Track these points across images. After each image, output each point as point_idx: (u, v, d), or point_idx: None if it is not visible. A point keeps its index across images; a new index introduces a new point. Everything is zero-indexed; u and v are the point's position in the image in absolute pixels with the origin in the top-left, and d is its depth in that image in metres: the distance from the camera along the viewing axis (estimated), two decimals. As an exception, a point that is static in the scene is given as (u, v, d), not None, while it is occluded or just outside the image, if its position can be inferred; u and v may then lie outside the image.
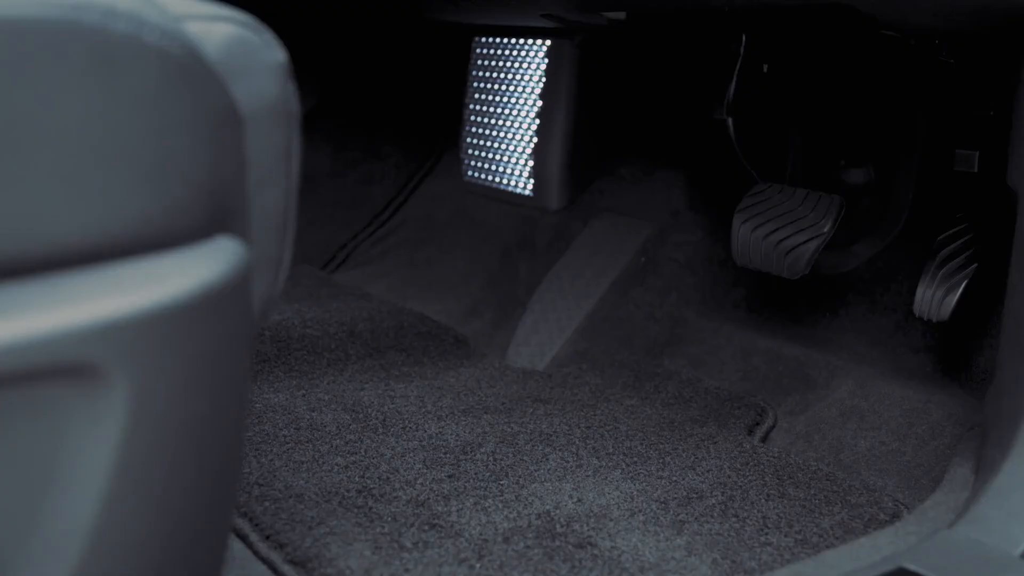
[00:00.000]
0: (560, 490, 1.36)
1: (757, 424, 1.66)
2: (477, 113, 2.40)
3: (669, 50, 2.20)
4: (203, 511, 0.72)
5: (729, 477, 1.43)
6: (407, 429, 1.55)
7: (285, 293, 2.17)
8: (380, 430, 1.54)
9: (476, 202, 2.45)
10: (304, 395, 1.68)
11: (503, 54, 2.33)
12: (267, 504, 1.25)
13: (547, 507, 1.30)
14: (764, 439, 1.62)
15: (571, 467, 1.44)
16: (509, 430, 1.57)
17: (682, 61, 2.17)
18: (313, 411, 1.61)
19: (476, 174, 2.42)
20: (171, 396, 0.66)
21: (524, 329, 2.03)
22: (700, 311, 1.97)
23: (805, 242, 1.69)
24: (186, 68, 0.67)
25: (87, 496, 0.63)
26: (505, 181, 2.34)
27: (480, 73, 2.39)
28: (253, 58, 0.78)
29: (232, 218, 0.75)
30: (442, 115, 2.72)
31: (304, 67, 3.11)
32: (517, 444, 1.52)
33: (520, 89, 2.28)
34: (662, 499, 1.35)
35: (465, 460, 1.44)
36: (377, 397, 1.69)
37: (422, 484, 1.35)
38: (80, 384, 0.62)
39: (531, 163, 2.26)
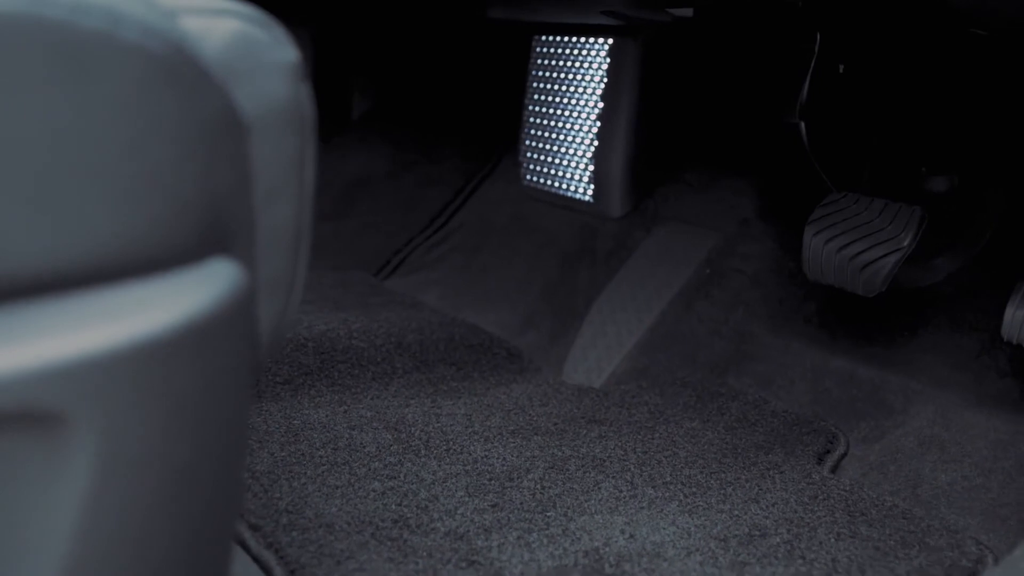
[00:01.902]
0: (611, 524, 1.26)
1: (827, 452, 1.55)
2: (536, 115, 2.31)
3: (738, 49, 2.11)
4: (189, 568, 0.64)
5: (795, 512, 1.32)
6: (451, 451, 1.47)
7: (333, 301, 2.11)
8: (422, 452, 1.46)
9: (534, 208, 2.37)
10: (346, 411, 1.61)
11: (563, 53, 2.24)
12: (295, 534, 1.18)
13: (596, 543, 1.21)
14: (834, 469, 1.51)
15: (624, 497, 1.35)
16: (560, 454, 1.48)
17: (752, 61, 2.07)
18: (353, 429, 1.53)
19: (535, 178, 2.33)
20: (149, 443, 0.58)
21: (581, 343, 1.94)
22: (768, 327, 1.86)
23: (882, 257, 1.57)
24: (172, 69, 0.59)
25: (48, 558, 0.55)
26: (564, 186, 2.25)
27: (539, 73, 2.31)
28: (260, 58, 0.70)
29: (231, 237, 0.67)
30: (502, 116, 2.64)
31: (363, 67, 3.09)
32: (567, 470, 1.43)
33: (581, 90, 2.19)
34: (722, 536, 1.25)
35: (511, 488, 1.35)
36: (422, 415, 1.61)
37: (463, 514, 1.26)
38: (40, 433, 0.54)
39: (591, 168, 2.17)
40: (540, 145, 2.31)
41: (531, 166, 2.34)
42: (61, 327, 0.54)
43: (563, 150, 2.24)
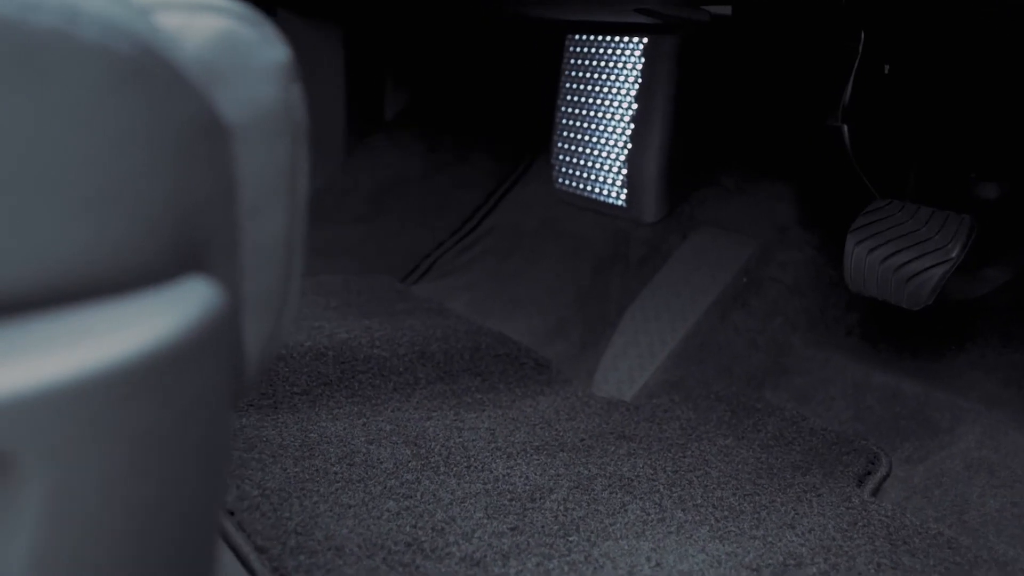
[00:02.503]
0: (637, 550, 1.20)
1: (868, 474, 1.48)
2: (569, 116, 2.25)
3: (778, 48, 2.04)
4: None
5: (833, 539, 1.25)
6: (472, 469, 1.41)
7: (358, 307, 2.06)
8: (442, 469, 1.41)
9: (567, 211, 2.31)
10: (364, 424, 1.56)
11: (597, 53, 2.18)
12: (302, 558, 1.12)
13: (620, 572, 1.15)
14: (876, 492, 1.44)
15: (652, 521, 1.29)
16: (586, 472, 1.42)
17: (793, 61, 2.00)
18: (371, 443, 1.48)
19: (567, 182, 2.28)
20: (110, 484, 0.53)
21: (613, 352, 1.88)
22: (808, 339, 1.79)
23: (929, 268, 1.50)
24: (139, 71, 0.54)
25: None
26: (597, 190, 2.18)
27: (573, 73, 2.25)
28: (246, 57, 0.64)
29: (209, 253, 0.61)
30: (535, 118, 2.59)
31: (396, 66, 3.05)
32: (593, 491, 1.37)
33: (614, 91, 2.13)
34: (754, 565, 1.18)
35: (532, 509, 1.30)
36: (444, 429, 1.56)
37: (480, 538, 1.21)
38: (-18, 473, 0.49)
39: (625, 171, 2.11)
40: (573, 147, 2.25)
41: (563, 169, 2.28)
42: (7, 356, 0.49)
43: (596, 153, 2.18)
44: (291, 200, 0.69)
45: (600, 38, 2.16)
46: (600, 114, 2.17)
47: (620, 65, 2.11)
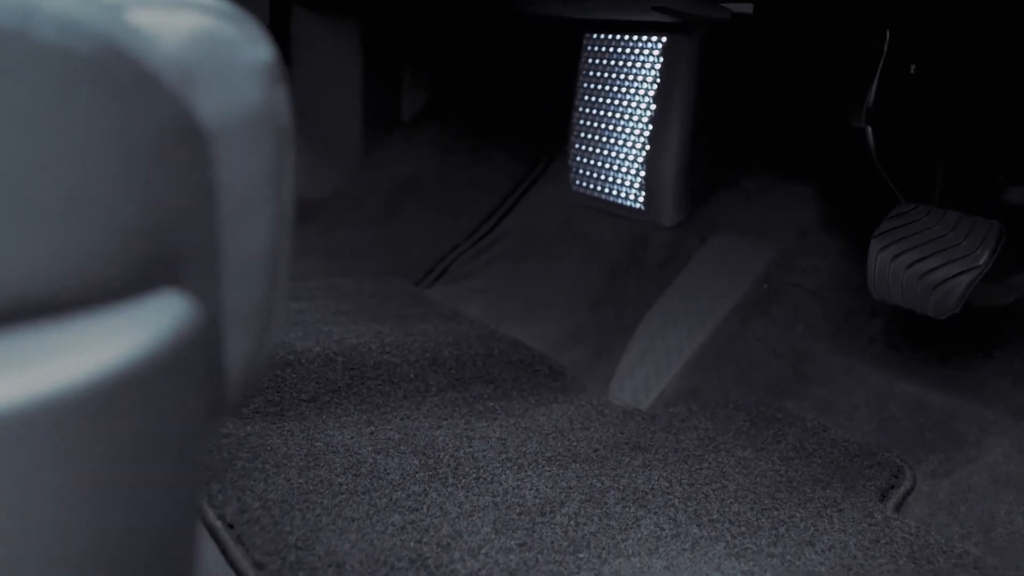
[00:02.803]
0: (649, 568, 1.16)
1: (891, 488, 1.43)
2: (586, 117, 2.22)
3: (801, 47, 2.00)
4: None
5: (854, 558, 1.21)
6: (481, 480, 1.38)
7: (370, 311, 2.03)
8: (450, 480, 1.37)
9: (584, 214, 2.27)
10: (372, 433, 1.52)
11: (615, 52, 2.13)
12: (301, 575, 1.09)
13: (630, 591, 1.11)
14: (899, 507, 1.40)
15: (666, 537, 1.25)
16: (598, 485, 1.38)
17: (816, 60, 1.96)
18: (379, 453, 1.45)
19: (584, 184, 2.24)
20: (68, 515, 0.50)
21: (629, 359, 1.84)
22: (830, 346, 1.74)
23: (956, 276, 1.45)
24: (103, 72, 0.51)
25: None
26: (614, 192, 2.14)
27: (590, 73, 2.21)
28: (227, 57, 0.61)
29: (186, 265, 0.58)
30: (554, 118, 2.55)
31: (414, 64, 3.03)
32: (605, 504, 1.33)
33: (632, 91, 2.09)
34: (771, 585, 1.14)
35: (542, 523, 1.26)
36: (454, 438, 1.52)
37: (486, 554, 1.17)
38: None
39: (643, 173, 2.07)
40: (590, 149, 2.21)
41: (580, 171, 2.24)
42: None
43: (613, 154, 2.14)
44: (276, 208, 0.65)
45: (618, 37, 2.12)
46: (618, 115, 2.13)
47: (638, 65, 2.07)
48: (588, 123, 2.22)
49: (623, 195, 2.13)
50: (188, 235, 0.59)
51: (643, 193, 2.08)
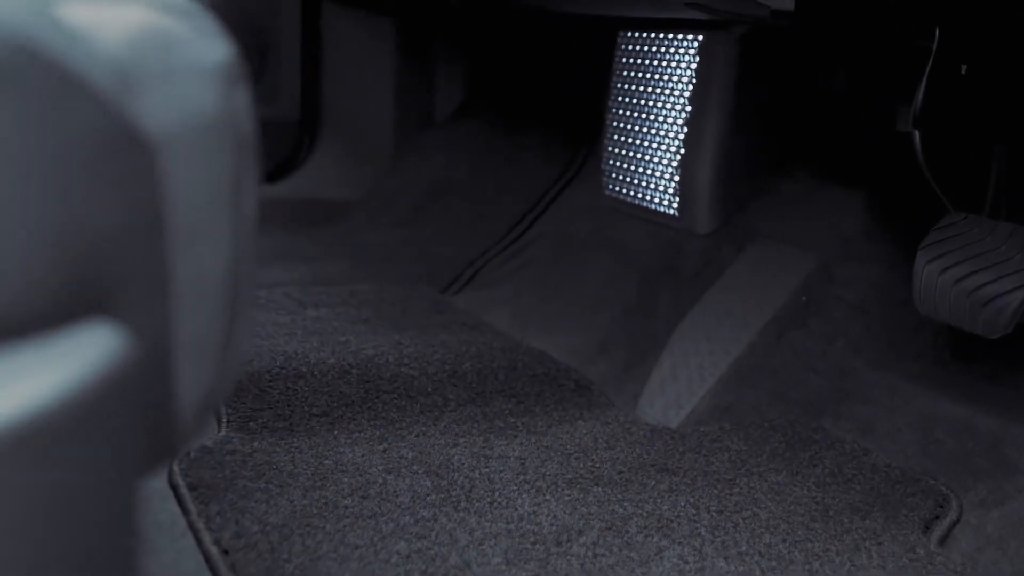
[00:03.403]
0: (670, 606, 1.09)
1: (936, 518, 1.35)
2: (619, 119, 2.15)
3: (844, 46, 1.92)
4: None
5: (894, 598, 1.13)
6: (495, 505, 1.31)
7: (390, 320, 1.98)
8: (462, 504, 1.31)
9: (616, 220, 2.20)
10: (385, 451, 1.46)
11: (649, 51, 2.07)
12: (294, 609, 1.03)
13: (648, 633, 1.04)
14: (943, 540, 1.31)
15: (690, 571, 1.18)
16: (620, 511, 1.31)
17: (860, 60, 1.89)
18: (390, 473, 1.39)
19: (616, 188, 2.17)
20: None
21: (660, 374, 1.77)
22: (872, 363, 1.66)
23: (1009, 292, 1.37)
24: (16, 75, 0.45)
25: None
26: (648, 198, 2.07)
27: (624, 73, 2.14)
28: (175, 57, 0.55)
29: (122, 291, 0.52)
30: (588, 118, 2.49)
31: (449, 63, 2.99)
32: (627, 533, 1.26)
33: (667, 91, 2.02)
34: (801, 628, 1.06)
35: (557, 554, 1.19)
36: (470, 457, 1.46)
37: (495, 588, 1.10)
38: None
39: (677, 178, 1.99)
40: (623, 152, 2.14)
41: (613, 175, 2.18)
42: None
43: (647, 158, 2.07)
44: (235, 224, 0.59)
45: (652, 35, 2.05)
46: (651, 116, 2.06)
47: (673, 64, 2.00)
48: (621, 125, 2.15)
49: (656, 200, 2.05)
50: (128, 257, 0.53)
51: (677, 199, 2.00)
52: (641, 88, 2.09)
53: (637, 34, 2.09)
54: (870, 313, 1.72)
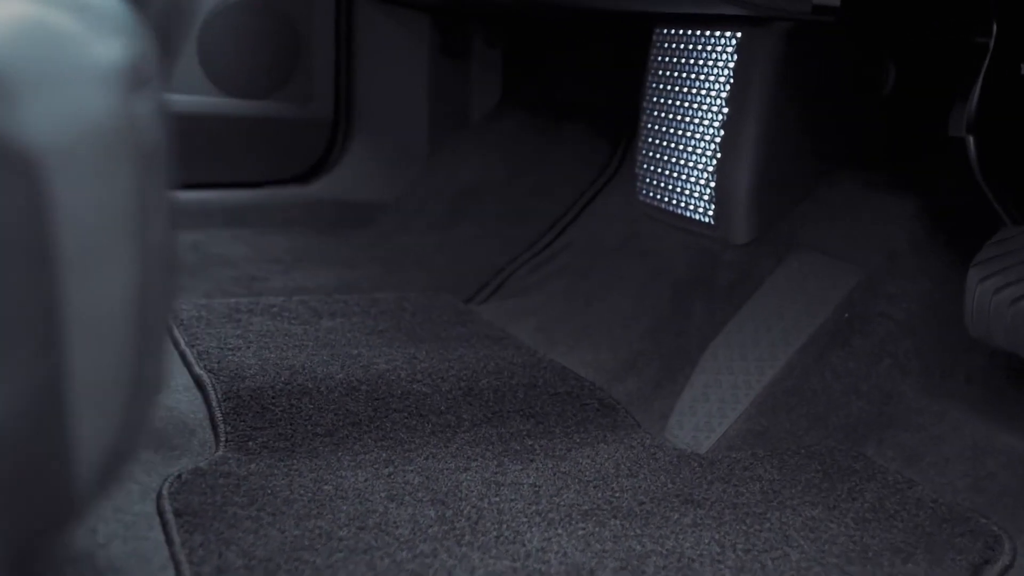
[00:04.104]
0: (683, 662, 1.00)
1: (986, 562, 1.25)
2: (654, 120, 2.06)
3: (894, 44, 1.83)
4: None
5: (935, 656, 1.03)
6: (502, 539, 1.23)
7: (407, 332, 1.91)
8: (467, 537, 1.23)
9: (650, 228, 2.12)
10: (390, 475, 1.39)
11: (685, 48, 1.98)
12: (268, 659, 0.96)
13: None
14: (995, 589, 1.21)
15: (708, 620, 1.08)
16: (638, 549, 1.23)
17: (910, 58, 1.80)
18: (392, 500, 1.31)
19: (650, 193, 2.08)
20: None
21: (691, 394, 1.68)
22: (920, 386, 1.56)
23: (1068, 315, 1.26)
24: None
25: None
26: (682, 204, 1.98)
27: (659, 72, 2.05)
28: (61, 58, 0.47)
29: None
30: (625, 120, 2.41)
31: (486, 61, 2.94)
32: (644, 574, 1.17)
33: (704, 91, 1.93)
34: None
35: (563, 598, 1.11)
36: (481, 483, 1.38)
37: (491, 638, 1.02)
38: None
39: (713, 184, 1.90)
40: (657, 155, 2.05)
41: (647, 179, 2.09)
42: None
43: (682, 162, 1.98)
44: (141, 250, 0.51)
45: (689, 32, 1.96)
46: (687, 118, 1.97)
47: (710, 63, 1.91)
48: (656, 127, 2.06)
49: (691, 207, 1.96)
50: (5, 293, 0.45)
51: (713, 206, 1.91)
52: (676, 88, 2.00)
53: (673, 31, 2.01)
54: (918, 332, 1.62)
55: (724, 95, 1.88)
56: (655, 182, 2.06)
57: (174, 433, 1.48)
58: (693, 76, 1.95)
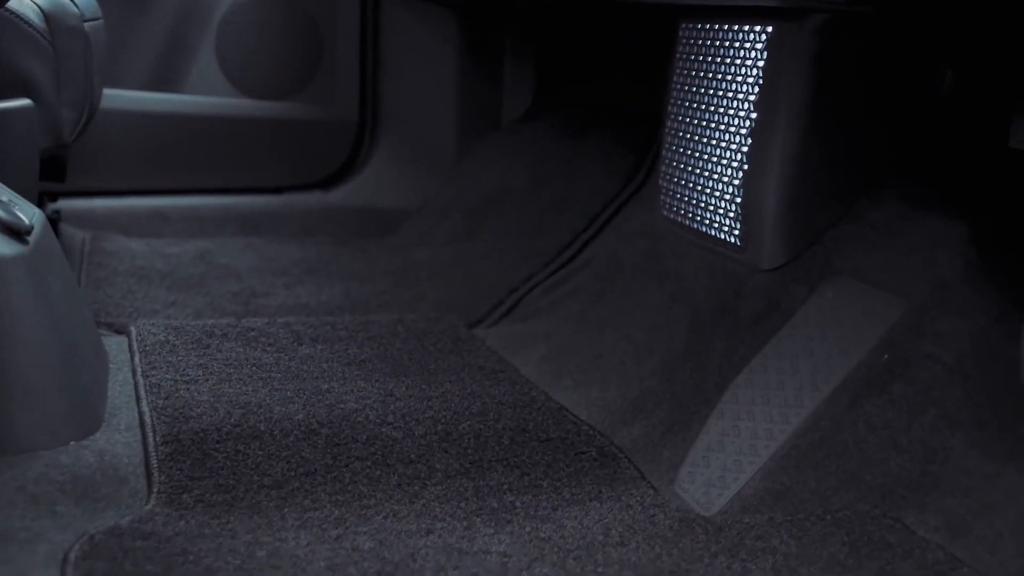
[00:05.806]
0: None
1: (1038, 671, 1.06)
2: (679, 127, 1.92)
3: (944, 43, 1.68)
4: None
5: None
6: (451, 628, 1.07)
7: (392, 361, 1.77)
8: (408, 624, 1.06)
9: (673, 246, 1.97)
10: (337, 539, 1.24)
11: (711, 45, 1.82)
12: None
13: None
14: None
15: None
16: (612, 644, 1.06)
17: (963, 61, 1.65)
18: (332, 571, 1.15)
19: (674, 208, 1.93)
20: None
21: (705, 442, 1.53)
22: (971, 442, 1.39)
23: None
24: None
25: None
26: (706, 222, 1.82)
27: (685, 72, 1.91)
28: None
29: None
30: (656, 127, 2.27)
31: (517, 62, 2.86)
32: None
33: (730, 94, 1.76)
34: None
35: None
36: (441, 551, 1.22)
37: None
38: None
39: (739, 200, 1.73)
40: (681, 166, 1.90)
41: (671, 191, 1.94)
42: None
43: (706, 174, 1.82)
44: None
45: (716, 27, 1.81)
46: (712, 124, 1.82)
47: (737, 62, 1.75)
48: (681, 133, 1.91)
49: (716, 225, 1.80)
50: None
51: (739, 225, 1.74)
52: (702, 90, 1.85)
53: (699, 25, 1.86)
54: (970, 378, 1.45)
55: (753, 98, 1.72)
56: (679, 195, 1.91)
57: (103, 481, 1.35)
58: (720, 76, 1.80)
